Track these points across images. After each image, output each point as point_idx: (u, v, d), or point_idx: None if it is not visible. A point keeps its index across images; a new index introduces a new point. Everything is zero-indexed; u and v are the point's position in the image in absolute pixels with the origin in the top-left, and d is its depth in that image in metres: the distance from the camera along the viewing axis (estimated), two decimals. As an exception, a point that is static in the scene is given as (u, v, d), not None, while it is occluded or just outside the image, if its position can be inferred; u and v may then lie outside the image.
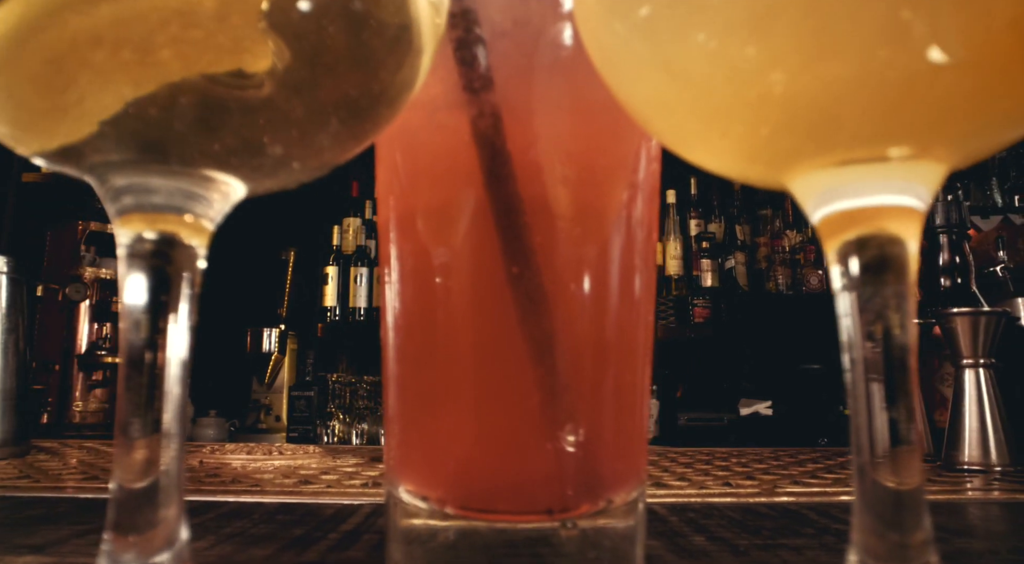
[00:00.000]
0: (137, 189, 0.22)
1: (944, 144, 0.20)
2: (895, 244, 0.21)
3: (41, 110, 0.23)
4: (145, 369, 0.21)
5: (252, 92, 0.22)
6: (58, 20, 0.21)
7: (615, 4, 0.22)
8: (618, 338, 0.30)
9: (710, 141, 0.22)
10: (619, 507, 0.29)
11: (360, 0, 0.23)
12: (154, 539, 0.21)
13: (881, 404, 0.20)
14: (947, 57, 0.17)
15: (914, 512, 0.20)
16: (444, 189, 0.29)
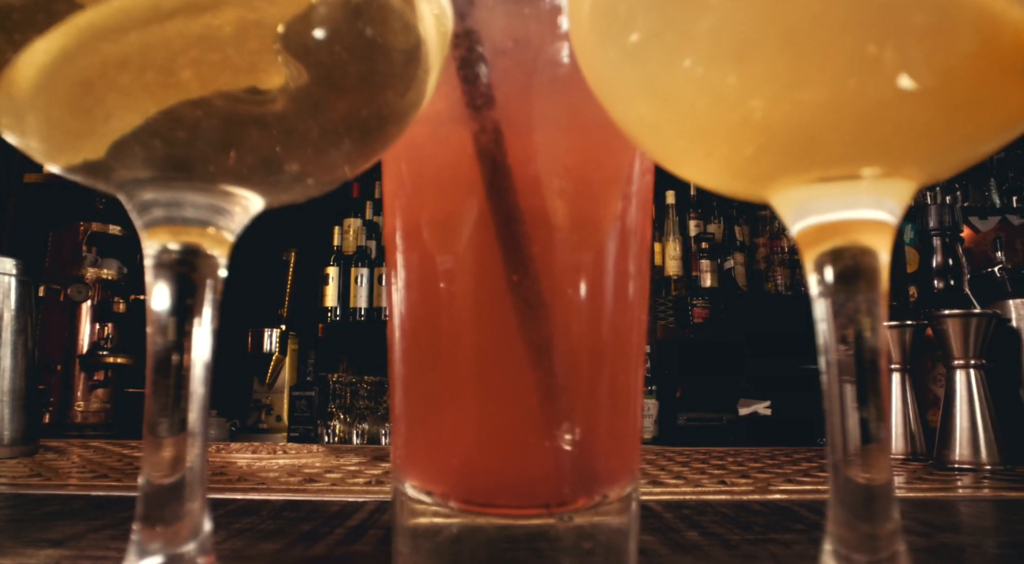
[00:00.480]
0: (163, 204, 0.24)
1: (912, 164, 0.22)
2: (867, 255, 0.22)
3: (72, 129, 0.25)
4: (171, 371, 0.23)
5: (270, 114, 0.23)
6: (91, 47, 0.23)
7: (607, 30, 0.24)
8: (612, 341, 0.31)
9: (697, 159, 0.24)
10: (614, 502, 0.31)
11: (372, 25, 0.24)
12: (180, 531, 0.23)
13: (853, 404, 0.21)
14: (911, 86, 0.19)
15: (883, 505, 0.21)
16: (448, 200, 0.31)
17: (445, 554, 0.31)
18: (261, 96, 0.24)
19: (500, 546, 0.31)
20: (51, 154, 0.25)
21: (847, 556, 0.21)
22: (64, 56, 0.22)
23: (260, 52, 0.25)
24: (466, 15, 0.31)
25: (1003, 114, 0.21)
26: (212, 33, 0.24)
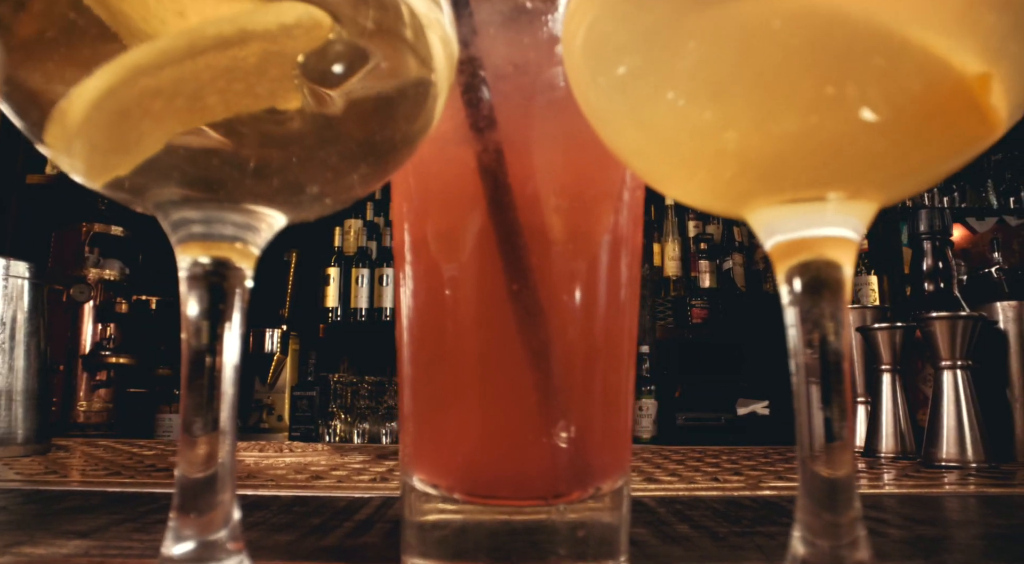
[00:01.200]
0: (194, 222, 0.26)
1: (872, 188, 0.24)
2: (832, 268, 0.25)
3: (111, 153, 0.27)
4: (205, 372, 0.25)
5: (292, 141, 0.26)
6: (132, 81, 0.25)
7: (598, 63, 0.26)
8: (605, 345, 0.34)
9: (679, 182, 0.26)
10: (606, 494, 0.33)
11: (388, 58, 0.27)
12: (213, 520, 0.25)
13: (818, 405, 0.24)
14: (867, 122, 0.21)
15: (845, 496, 0.24)
16: (452, 215, 0.33)
17: (451, 545, 0.33)
18: (283, 124, 0.26)
19: (502, 538, 0.33)
20: (92, 175, 0.28)
21: (812, 541, 0.24)
22: (109, 90, 0.24)
23: (281, 81, 0.27)
24: (469, 43, 0.33)
25: (948, 145, 0.23)
26: (237, 64, 0.27)
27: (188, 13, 0.25)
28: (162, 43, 0.24)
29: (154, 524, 0.47)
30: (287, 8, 0.25)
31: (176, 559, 0.25)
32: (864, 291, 3.06)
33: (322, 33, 0.27)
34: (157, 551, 0.39)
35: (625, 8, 0.24)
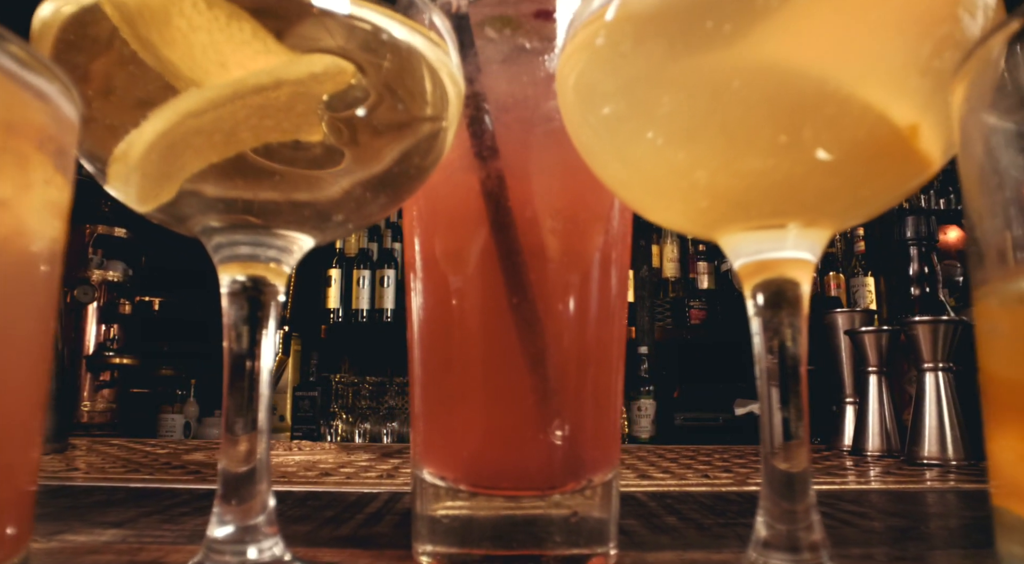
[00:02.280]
0: (234, 245, 0.30)
1: (826, 218, 0.28)
2: (792, 285, 0.29)
3: (161, 184, 0.31)
4: (245, 375, 0.29)
5: (320, 175, 0.29)
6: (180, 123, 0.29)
7: (587, 104, 0.30)
8: (596, 351, 0.37)
9: (659, 210, 0.30)
10: (597, 486, 0.37)
11: (403, 100, 0.30)
12: (252, 507, 0.29)
13: (777, 406, 0.28)
14: (816, 164, 0.25)
15: (801, 487, 0.27)
16: (459, 234, 0.37)
17: (458, 534, 0.37)
18: (312, 160, 0.30)
19: (503, 528, 0.37)
20: (142, 202, 0.31)
21: (772, 525, 0.28)
22: (164, 133, 0.28)
23: (306, 115, 0.31)
24: (474, 80, 0.37)
25: (889, 181, 0.27)
26: (270, 103, 0.30)
27: (229, 64, 0.29)
28: (209, 93, 0.28)
29: (180, 516, 0.51)
30: (316, 59, 0.29)
31: (220, 540, 0.28)
32: (861, 293, 3.10)
33: (345, 78, 0.30)
34: (187, 539, 0.43)
35: (611, 60, 0.28)
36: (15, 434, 0.21)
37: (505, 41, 0.38)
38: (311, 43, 0.29)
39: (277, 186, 0.29)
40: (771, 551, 0.27)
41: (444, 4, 0.38)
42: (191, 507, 0.55)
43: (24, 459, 0.21)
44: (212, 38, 0.29)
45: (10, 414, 0.20)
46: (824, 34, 0.24)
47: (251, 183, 0.29)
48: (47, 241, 0.22)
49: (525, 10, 0.38)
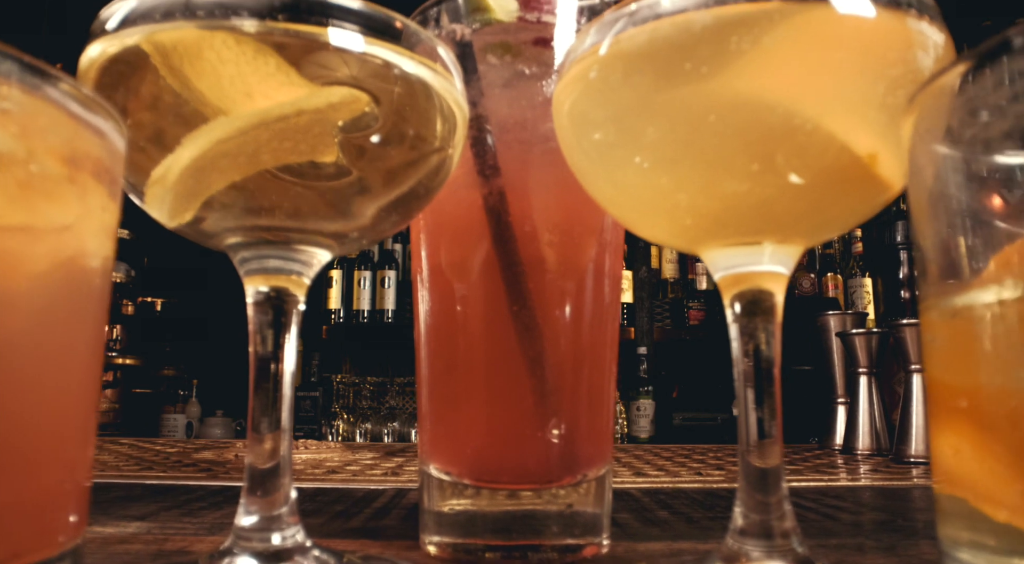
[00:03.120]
0: (258, 258, 0.33)
1: (797, 235, 0.31)
2: (766, 295, 0.31)
3: (186, 199, 0.34)
4: (270, 377, 0.32)
5: (337, 196, 0.32)
6: (211, 149, 0.31)
7: (580, 130, 0.33)
8: (590, 355, 0.40)
9: (646, 227, 0.33)
10: (591, 480, 0.40)
11: (415, 125, 0.33)
12: (276, 499, 0.32)
13: (752, 406, 0.30)
14: (784, 188, 0.28)
15: (774, 481, 0.30)
16: (463, 247, 0.40)
17: (462, 525, 0.40)
18: (328, 182, 0.33)
19: (504, 521, 0.40)
20: (172, 218, 0.34)
21: (748, 515, 0.30)
22: (197, 158, 0.31)
23: (322, 137, 0.34)
24: (477, 103, 0.39)
25: (853, 203, 0.30)
26: (289, 127, 0.33)
27: (254, 94, 0.32)
28: (238, 122, 0.31)
29: (198, 510, 0.54)
30: (334, 90, 0.32)
31: (247, 529, 0.31)
32: (859, 294, 3.12)
33: (360, 106, 0.33)
34: (207, 531, 0.46)
35: (602, 91, 0.31)
36: (76, 433, 0.23)
37: (506, 67, 0.40)
38: (329, 75, 0.31)
39: (297, 208, 0.32)
40: (747, 538, 0.30)
41: (449, 31, 0.41)
42: (207, 502, 0.58)
43: (83, 456, 0.24)
44: (239, 70, 0.31)
45: (73, 415, 0.23)
46: (790, 75, 0.26)
47: (273, 206, 0.32)
48: (101, 259, 0.25)
49: (524, 38, 0.41)
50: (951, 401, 0.22)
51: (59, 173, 0.23)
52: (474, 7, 0.41)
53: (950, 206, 0.24)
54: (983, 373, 0.21)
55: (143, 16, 0.29)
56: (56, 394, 0.22)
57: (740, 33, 0.26)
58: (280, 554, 0.31)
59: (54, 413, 0.22)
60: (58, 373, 0.22)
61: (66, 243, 0.23)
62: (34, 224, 0.22)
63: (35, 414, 0.21)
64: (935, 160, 0.24)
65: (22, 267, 0.21)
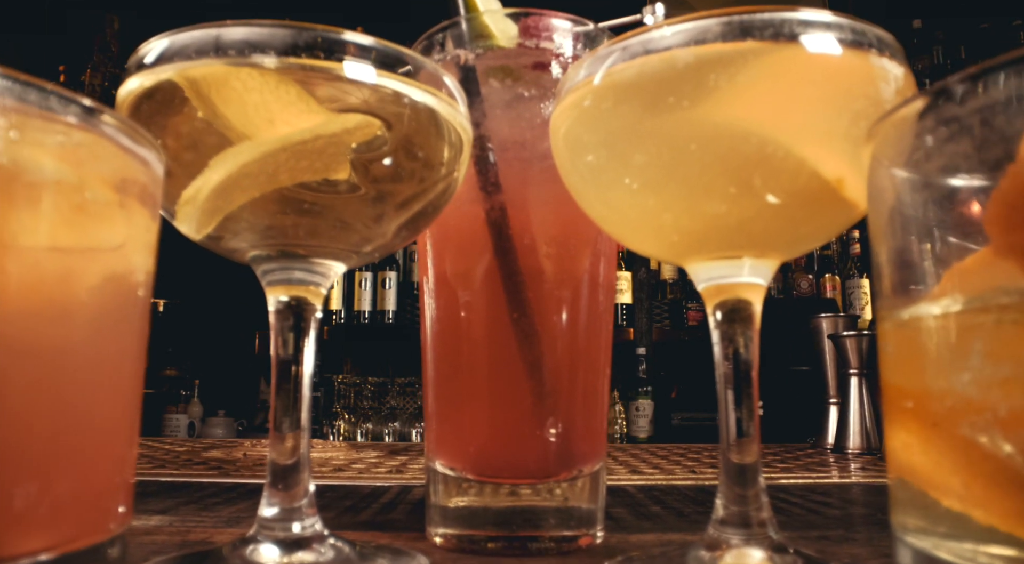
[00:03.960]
0: (279, 270, 0.36)
1: (774, 251, 0.33)
2: (745, 304, 0.34)
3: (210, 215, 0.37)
4: (291, 379, 0.34)
5: (351, 214, 0.35)
6: (237, 171, 0.34)
7: (574, 153, 0.35)
8: (585, 359, 0.43)
9: (635, 242, 0.36)
10: (586, 475, 0.43)
11: (424, 148, 0.36)
12: (296, 493, 0.34)
13: (732, 407, 0.33)
14: (760, 209, 0.31)
15: (752, 476, 0.33)
16: (467, 258, 0.43)
17: (466, 519, 0.43)
18: (343, 202, 0.36)
19: (505, 515, 0.42)
20: (198, 231, 0.37)
21: (727, 506, 0.33)
22: (224, 179, 0.34)
23: (336, 157, 0.36)
24: (480, 124, 0.42)
25: (824, 222, 0.32)
26: (306, 149, 0.36)
27: (276, 121, 0.35)
28: (262, 146, 0.33)
29: (214, 505, 0.57)
30: (349, 117, 0.35)
31: (269, 519, 0.34)
32: (856, 294, 3.15)
33: (372, 130, 0.36)
34: (225, 523, 0.48)
35: (594, 119, 0.33)
36: (125, 432, 0.26)
37: (507, 89, 0.43)
38: (345, 104, 0.34)
39: (314, 225, 0.35)
40: (727, 527, 0.33)
41: (454, 57, 0.44)
42: (221, 498, 0.61)
43: (130, 454, 0.27)
44: (263, 98, 0.34)
45: (122, 416, 0.26)
46: (763, 108, 0.29)
47: (291, 224, 0.35)
48: (145, 274, 0.28)
49: (524, 62, 0.44)
50: (900, 401, 0.25)
51: (111, 199, 0.25)
52: (477, 33, 0.44)
53: (903, 228, 0.26)
54: (927, 377, 0.23)
55: (177, 53, 0.32)
56: (109, 396, 0.25)
57: (718, 70, 0.29)
58: (300, 542, 0.34)
59: (107, 413, 0.25)
60: (110, 376, 0.25)
61: (117, 261, 0.26)
62: (90, 245, 0.25)
63: (92, 414, 0.24)
64: (890, 185, 0.27)
65: (80, 283, 0.24)
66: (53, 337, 0.23)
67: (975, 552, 0.23)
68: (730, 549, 0.33)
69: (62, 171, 0.24)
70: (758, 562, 0.32)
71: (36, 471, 0.22)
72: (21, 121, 0.22)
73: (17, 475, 0.22)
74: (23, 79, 0.22)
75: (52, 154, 0.23)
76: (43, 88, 0.23)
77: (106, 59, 2.80)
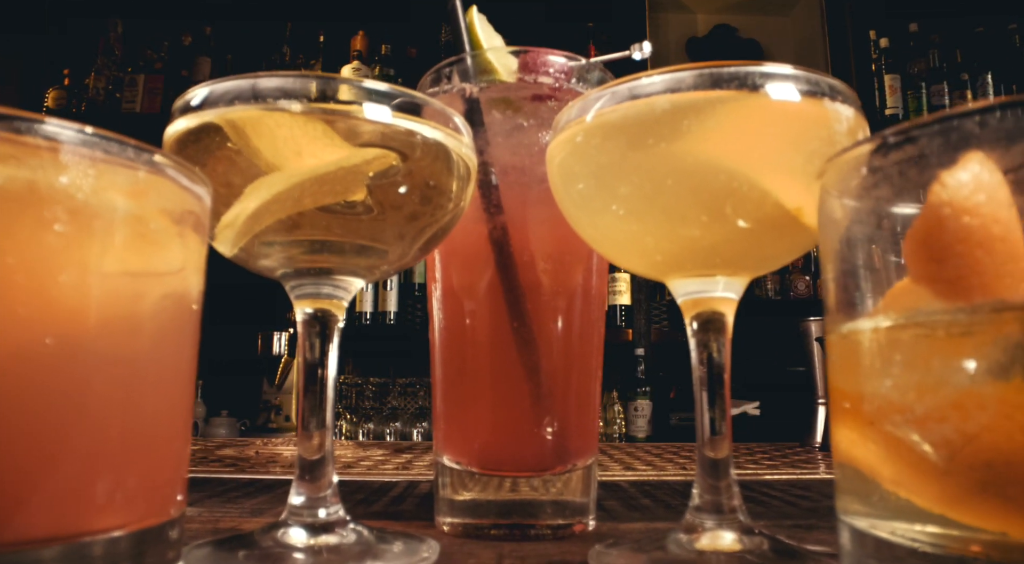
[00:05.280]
0: (306, 286, 0.40)
1: (744, 270, 0.38)
2: (719, 315, 0.39)
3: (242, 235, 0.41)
4: (317, 381, 0.39)
5: (369, 237, 0.40)
6: (270, 198, 0.39)
7: (567, 181, 0.40)
8: (579, 363, 0.48)
9: (622, 260, 0.40)
10: (580, 469, 0.47)
11: (436, 177, 0.40)
12: (322, 484, 0.39)
13: (706, 407, 0.38)
14: (731, 234, 0.35)
15: (724, 469, 0.38)
16: (471, 272, 0.47)
17: (471, 510, 0.47)
18: (362, 227, 0.40)
19: (506, 506, 0.47)
20: (231, 250, 0.41)
21: (703, 495, 0.38)
22: (259, 205, 0.38)
23: (354, 182, 0.41)
24: (483, 151, 0.47)
25: (787, 245, 0.37)
26: (328, 176, 0.40)
27: (304, 153, 0.39)
28: (293, 177, 0.38)
29: (235, 498, 0.61)
30: (369, 150, 0.39)
31: (298, 506, 0.39)
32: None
33: (388, 161, 0.40)
34: (251, 514, 0.53)
35: (584, 152, 0.38)
36: (183, 430, 0.31)
37: (508, 120, 0.48)
38: (365, 139, 0.39)
39: (336, 246, 0.39)
40: (702, 513, 0.38)
41: (460, 89, 0.48)
42: (241, 492, 0.65)
43: (185, 450, 0.31)
44: (292, 133, 0.39)
45: (180, 415, 0.30)
46: (730, 148, 0.34)
47: (316, 246, 0.39)
48: (197, 292, 0.32)
49: (523, 94, 0.48)
50: (841, 402, 0.29)
51: (171, 230, 0.30)
52: (481, 68, 0.48)
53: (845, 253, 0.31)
54: (861, 382, 0.28)
55: (218, 99, 0.36)
56: (170, 398, 0.30)
57: (691, 116, 0.33)
58: (325, 527, 0.38)
59: (169, 413, 0.29)
60: (171, 381, 0.30)
61: (177, 282, 0.30)
62: (155, 269, 0.29)
63: (157, 414, 0.29)
64: (835, 216, 0.32)
65: (147, 301, 0.29)
66: (126, 348, 0.28)
67: (905, 530, 0.28)
68: (705, 532, 0.37)
69: (132, 208, 0.28)
70: (729, 543, 0.36)
71: (114, 463, 0.27)
72: (102, 168, 0.27)
73: (100, 466, 0.26)
74: (105, 134, 0.27)
75: (125, 193, 0.28)
76: (121, 141, 0.27)
77: (110, 62, 2.84)
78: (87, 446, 0.26)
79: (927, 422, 0.25)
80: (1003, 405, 0.25)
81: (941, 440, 0.25)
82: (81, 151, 0.26)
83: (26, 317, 0.24)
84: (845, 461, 0.30)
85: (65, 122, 0.26)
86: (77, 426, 0.25)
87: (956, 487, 0.26)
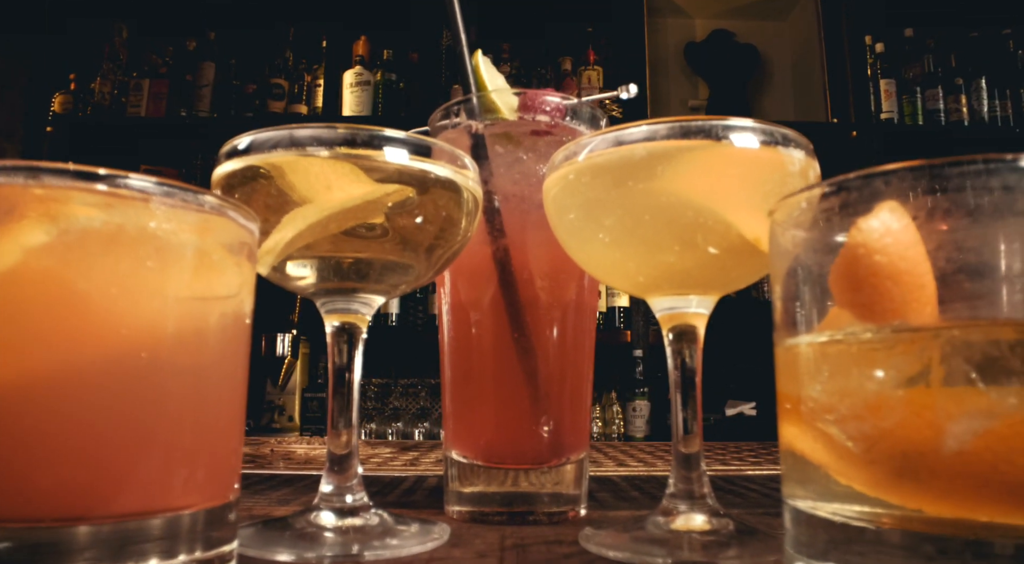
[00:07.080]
0: (334, 301, 0.46)
1: (714, 290, 0.44)
2: (691, 328, 0.45)
3: (276, 257, 0.47)
4: (345, 384, 0.45)
5: (389, 262, 0.46)
6: (304, 226, 0.45)
7: (559, 211, 0.46)
8: (572, 369, 0.54)
9: (608, 280, 0.46)
10: (573, 462, 0.53)
11: (447, 208, 0.47)
12: (349, 475, 0.45)
13: (679, 408, 0.44)
14: (702, 260, 0.41)
15: (695, 462, 0.44)
16: (477, 288, 0.53)
17: (476, 499, 0.53)
18: (383, 252, 0.46)
19: (508, 497, 0.53)
20: (265, 270, 0.48)
21: (677, 484, 0.44)
22: (295, 234, 0.44)
23: (373, 209, 0.47)
24: (488, 182, 0.53)
25: (751, 269, 0.43)
26: (351, 205, 0.46)
27: (333, 187, 0.45)
28: (324, 210, 0.44)
29: (262, 491, 0.67)
30: (388, 186, 0.45)
31: (328, 493, 0.45)
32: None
33: (406, 193, 0.46)
34: (277, 503, 0.59)
35: (575, 188, 0.44)
36: (238, 428, 0.37)
37: (509, 153, 0.54)
38: (385, 176, 0.45)
39: (359, 269, 0.46)
40: (676, 499, 0.44)
41: (466, 126, 0.55)
42: (266, 485, 0.71)
43: (240, 445, 0.38)
44: (323, 170, 0.45)
45: (236, 416, 0.36)
46: (698, 189, 0.40)
47: (343, 269, 0.46)
48: (249, 309, 0.38)
49: (523, 130, 0.54)
50: (784, 403, 0.35)
51: (229, 260, 0.36)
52: (485, 107, 0.54)
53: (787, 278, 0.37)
54: (800, 387, 0.34)
55: (260, 145, 0.42)
56: (229, 401, 0.36)
57: (664, 162, 0.40)
58: (352, 511, 0.44)
59: (228, 414, 0.36)
60: (230, 387, 0.36)
61: (234, 304, 0.36)
62: (217, 294, 0.35)
63: (220, 414, 0.35)
64: (785, 247, 0.38)
65: (211, 320, 0.35)
66: (196, 359, 0.34)
67: (839, 508, 0.34)
68: (679, 515, 0.43)
69: (200, 243, 0.34)
70: (700, 523, 0.43)
71: (189, 454, 0.33)
72: (180, 213, 0.33)
73: (178, 456, 0.32)
74: (179, 185, 0.33)
75: (195, 232, 0.34)
76: (193, 190, 0.33)
77: (115, 67, 2.90)
78: (169, 439, 0.32)
79: (848, 420, 0.31)
80: (912, 406, 0.31)
81: (859, 434, 0.31)
82: (165, 200, 0.32)
83: (127, 336, 0.30)
84: (789, 453, 0.36)
85: (150, 178, 0.32)
86: (162, 423, 0.31)
87: (879, 473, 0.32)
